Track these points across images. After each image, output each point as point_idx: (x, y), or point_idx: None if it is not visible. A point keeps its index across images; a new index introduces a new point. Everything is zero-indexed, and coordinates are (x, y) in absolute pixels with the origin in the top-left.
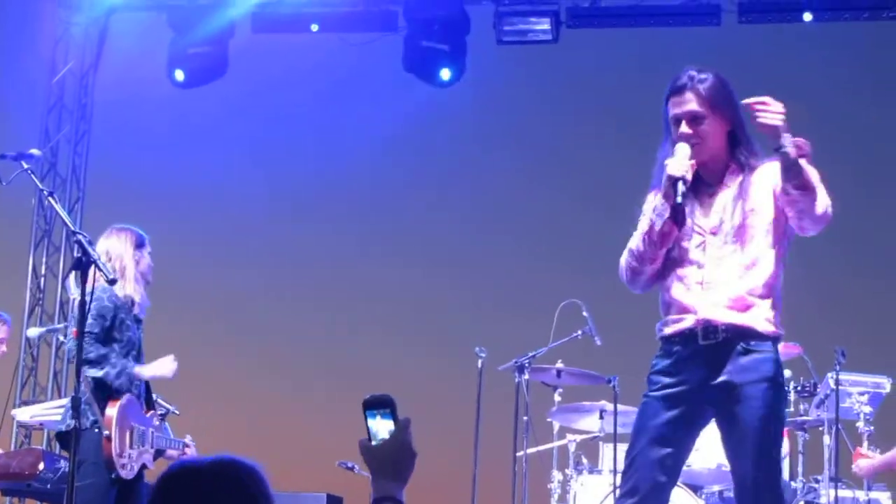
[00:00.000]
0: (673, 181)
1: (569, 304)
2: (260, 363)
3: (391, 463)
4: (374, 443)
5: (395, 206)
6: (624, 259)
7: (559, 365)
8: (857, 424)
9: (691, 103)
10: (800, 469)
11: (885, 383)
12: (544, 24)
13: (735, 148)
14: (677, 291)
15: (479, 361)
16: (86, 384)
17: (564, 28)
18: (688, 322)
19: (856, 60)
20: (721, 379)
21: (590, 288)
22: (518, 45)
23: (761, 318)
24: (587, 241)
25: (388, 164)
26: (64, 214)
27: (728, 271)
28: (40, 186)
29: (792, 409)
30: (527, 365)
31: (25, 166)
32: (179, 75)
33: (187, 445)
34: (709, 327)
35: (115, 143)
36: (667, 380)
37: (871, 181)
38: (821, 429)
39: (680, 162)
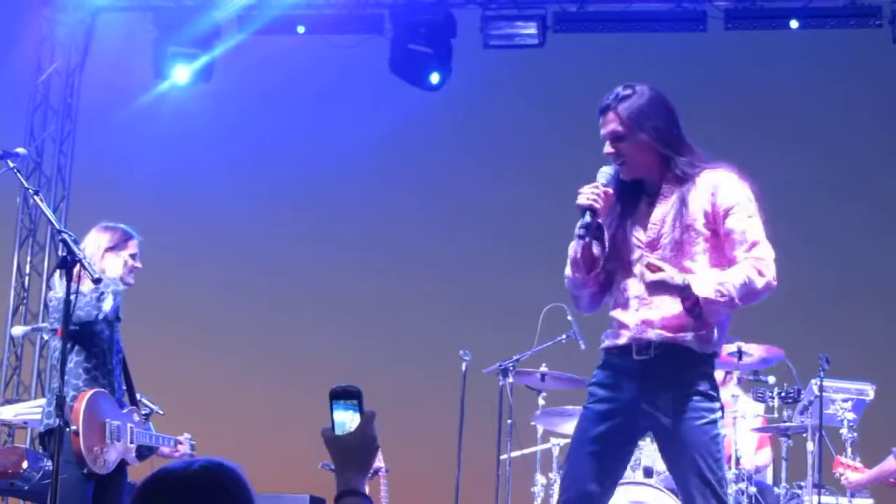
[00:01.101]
0: (581, 210)
1: (553, 307)
2: (243, 364)
3: (354, 454)
4: (338, 433)
5: (379, 209)
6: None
7: (543, 369)
8: (841, 431)
9: (612, 123)
10: (783, 475)
11: (869, 390)
12: (531, 29)
13: (669, 159)
14: (616, 306)
15: (464, 364)
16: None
17: (551, 32)
18: (623, 338)
19: (841, 68)
20: (654, 394)
21: None
22: (505, 49)
23: (695, 336)
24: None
25: (373, 167)
26: (49, 213)
27: None
28: (25, 185)
29: (776, 414)
30: (511, 368)
31: (11, 165)
32: (182, 74)
33: (180, 442)
34: (642, 343)
35: (100, 142)
36: (603, 392)
37: (855, 189)
38: (804, 435)
39: (590, 190)
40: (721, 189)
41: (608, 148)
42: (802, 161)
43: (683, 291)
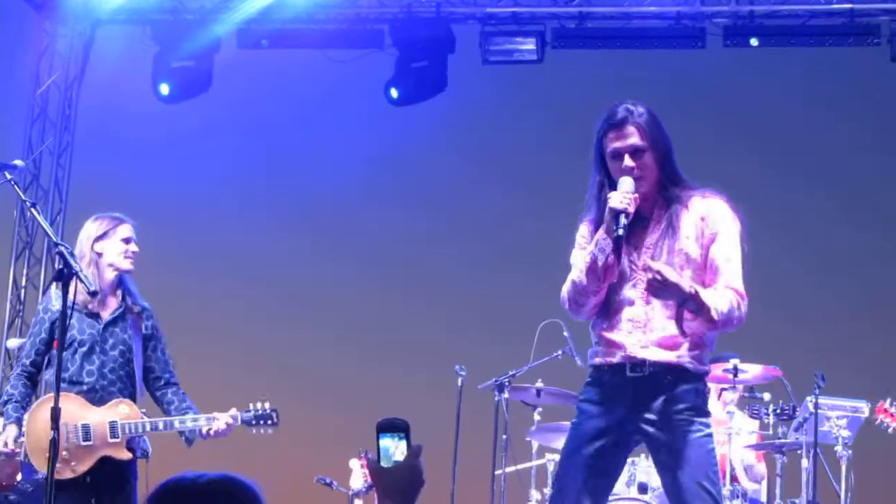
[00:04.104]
0: (615, 214)
1: (549, 323)
2: (236, 377)
3: (400, 486)
4: (384, 464)
5: (375, 225)
6: (566, 290)
7: (539, 384)
8: (836, 448)
9: (633, 137)
10: (777, 492)
11: (864, 408)
12: (530, 45)
13: (664, 181)
14: (608, 327)
15: (459, 380)
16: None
17: (550, 48)
18: (617, 357)
19: (840, 85)
20: (648, 409)
21: None
22: (503, 64)
23: (689, 356)
24: (569, 261)
25: (370, 181)
26: (46, 226)
27: (657, 309)
28: (23, 197)
29: (771, 431)
30: (507, 384)
31: (8, 177)
32: (164, 89)
33: (214, 418)
34: (637, 361)
35: (98, 155)
36: (594, 409)
37: (854, 207)
38: (799, 452)
39: (623, 195)
40: (711, 215)
41: (628, 162)
42: (800, 178)
43: (692, 299)
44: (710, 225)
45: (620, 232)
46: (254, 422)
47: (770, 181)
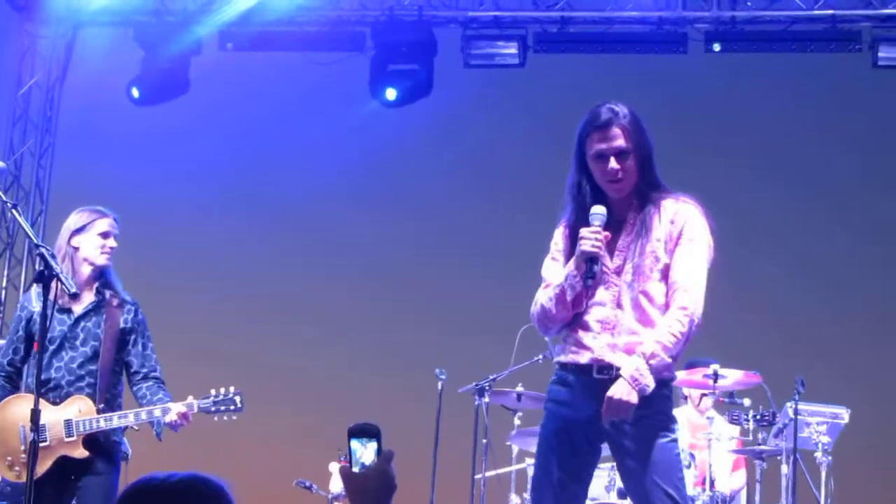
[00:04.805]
0: (586, 258)
1: (530, 327)
2: (217, 381)
3: (370, 492)
4: (355, 469)
5: (356, 227)
6: (535, 312)
7: (519, 388)
8: (815, 454)
9: (619, 139)
10: (757, 498)
11: (844, 414)
12: (511, 49)
13: (642, 185)
14: (578, 328)
15: (440, 384)
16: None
17: (532, 52)
18: (583, 358)
19: (822, 91)
20: None
21: None
22: (485, 68)
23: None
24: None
25: (350, 184)
26: (27, 227)
27: (627, 312)
28: (4, 198)
29: (751, 437)
30: (487, 388)
31: None
32: (135, 92)
33: (170, 409)
34: (604, 364)
35: (79, 156)
36: (561, 410)
37: (833, 212)
38: (779, 458)
39: (594, 237)
40: (679, 218)
41: (614, 164)
42: (781, 182)
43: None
44: (676, 227)
45: (589, 282)
46: (213, 409)
47: (751, 185)
